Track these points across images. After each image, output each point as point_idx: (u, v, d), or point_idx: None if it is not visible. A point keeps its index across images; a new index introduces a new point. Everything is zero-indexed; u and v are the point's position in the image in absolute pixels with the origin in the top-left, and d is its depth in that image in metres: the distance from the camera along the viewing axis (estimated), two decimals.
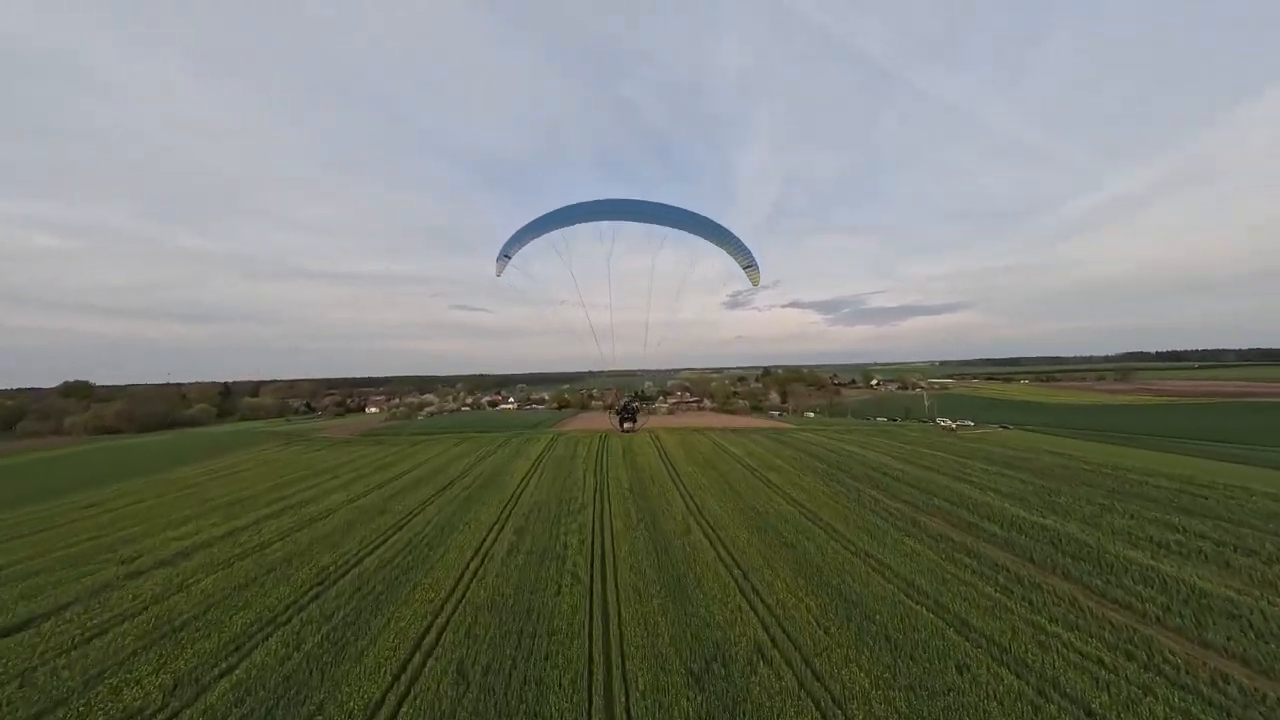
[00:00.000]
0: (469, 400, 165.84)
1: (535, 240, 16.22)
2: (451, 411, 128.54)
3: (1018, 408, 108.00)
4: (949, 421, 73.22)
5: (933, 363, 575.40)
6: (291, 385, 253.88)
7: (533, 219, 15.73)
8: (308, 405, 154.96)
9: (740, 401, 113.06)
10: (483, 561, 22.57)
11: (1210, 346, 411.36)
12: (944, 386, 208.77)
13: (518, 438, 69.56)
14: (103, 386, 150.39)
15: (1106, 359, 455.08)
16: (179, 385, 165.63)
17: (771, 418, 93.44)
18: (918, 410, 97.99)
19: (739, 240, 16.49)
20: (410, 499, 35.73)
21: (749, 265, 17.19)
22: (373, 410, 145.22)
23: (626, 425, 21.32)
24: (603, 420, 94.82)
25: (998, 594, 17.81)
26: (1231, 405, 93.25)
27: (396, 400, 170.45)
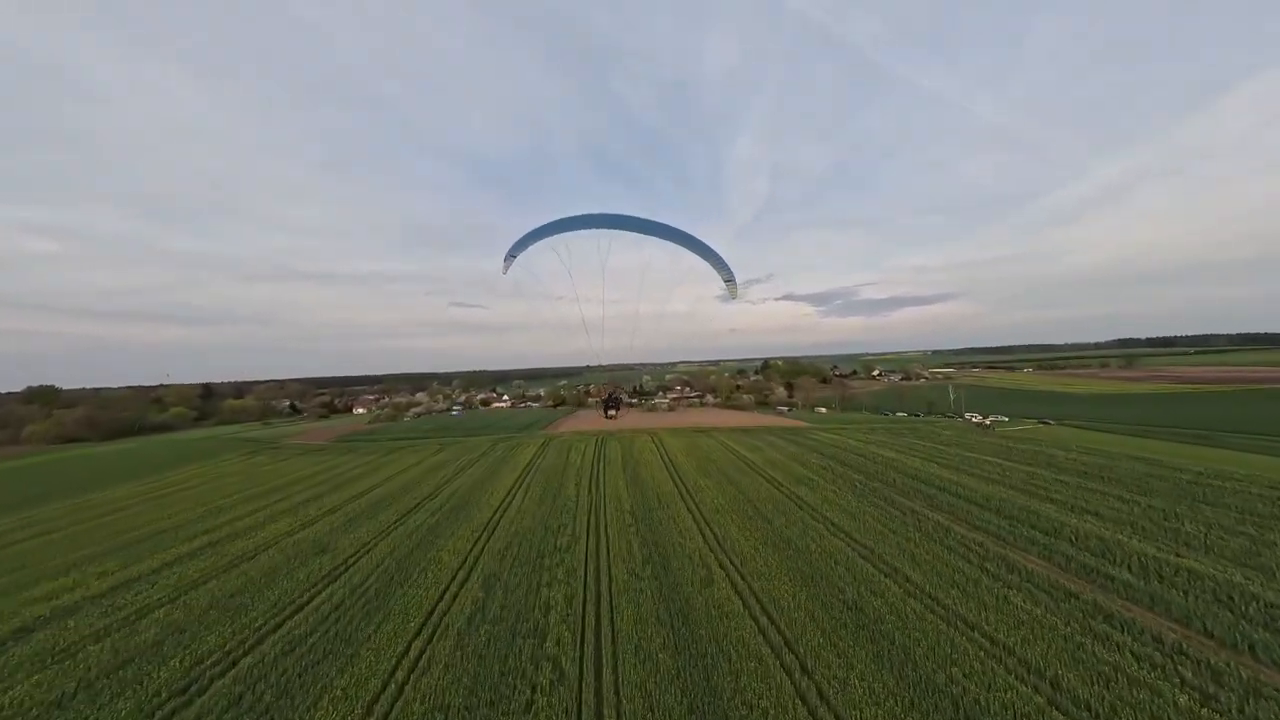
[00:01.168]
0: (462, 398, 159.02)
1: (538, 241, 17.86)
2: (441, 411, 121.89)
3: (1040, 399, 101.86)
4: (980, 417, 67.05)
5: (925, 352, 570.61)
6: (282, 385, 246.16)
7: (538, 225, 17.53)
8: (293, 407, 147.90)
9: (745, 396, 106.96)
10: (431, 639, 16.19)
11: (1199, 332, 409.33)
12: (947, 377, 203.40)
13: (506, 442, 63.11)
14: (72, 391, 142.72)
15: (1099, 346, 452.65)
16: (155, 389, 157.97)
17: (781, 414, 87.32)
18: (941, 403, 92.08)
19: (719, 256, 18.16)
20: (363, 529, 29.27)
21: (728, 280, 18.96)
22: (360, 411, 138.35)
23: (610, 413, 21.67)
24: (601, 420, 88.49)
25: (1205, 711, 11.55)
26: (1275, 392, 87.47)
27: (386, 400, 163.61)
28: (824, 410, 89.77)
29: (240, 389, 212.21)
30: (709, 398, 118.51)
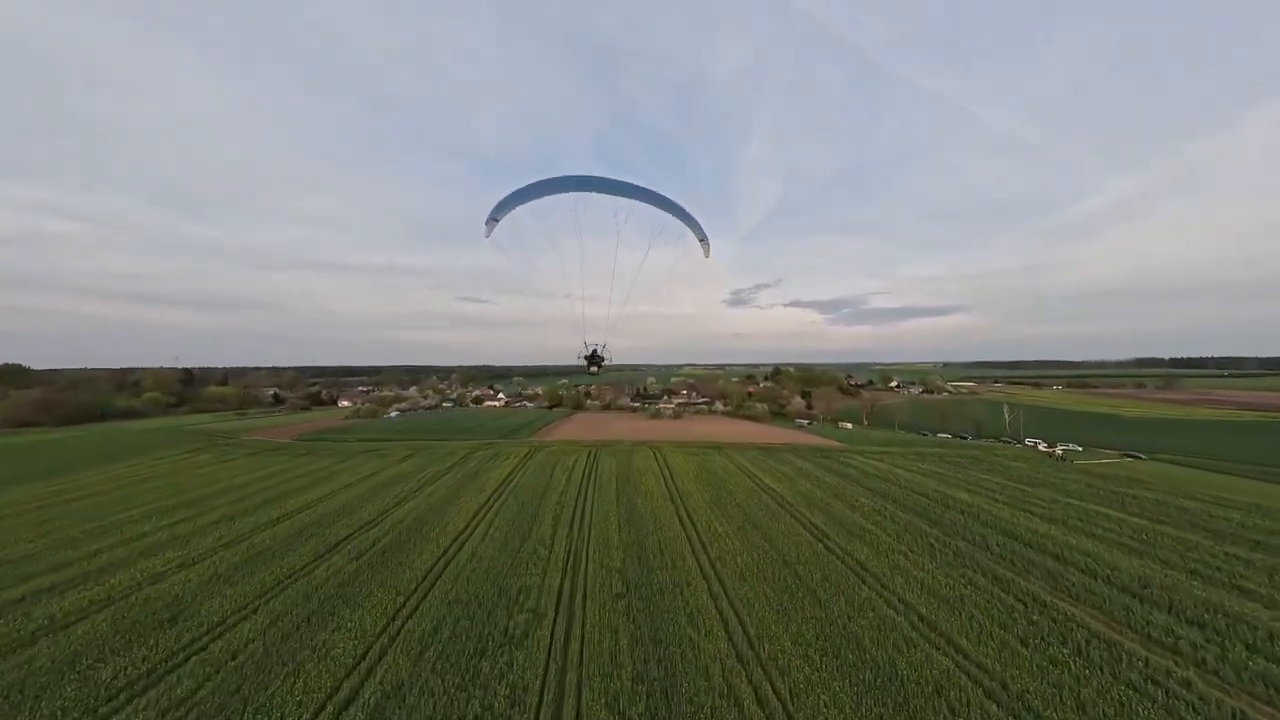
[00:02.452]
0: (454, 394, 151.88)
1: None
2: (429, 408, 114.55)
3: (1092, 422, 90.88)
4: (1045, 444, 57.38)
5: (937, 364, 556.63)
6: (277, 374, 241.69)
7: (517, 188, 17.51)
8: (275, 397, 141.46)
9: (758, 405, 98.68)
10: None
11: (1225, 353, 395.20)
12: (972, 391, 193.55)
13: (485, 450, 55.34)
14: (45, 371, 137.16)
15: (1120, 364, 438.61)
16: (134, 372, 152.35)
17: (801, 429, 78.87)
18: (991, 424, 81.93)
19: (692, 217, 18.57)
20: (254, 580, 21.53)
21: (702, 239, 19.54)
22: (345, 404, 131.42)
23: (593, 368, 20.98)
24: (598, 426, 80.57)
25: None
26: None
27: (375, 390, 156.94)
28: (849, 426, 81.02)
29: (229, 375, 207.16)
30: (718, 405, 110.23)
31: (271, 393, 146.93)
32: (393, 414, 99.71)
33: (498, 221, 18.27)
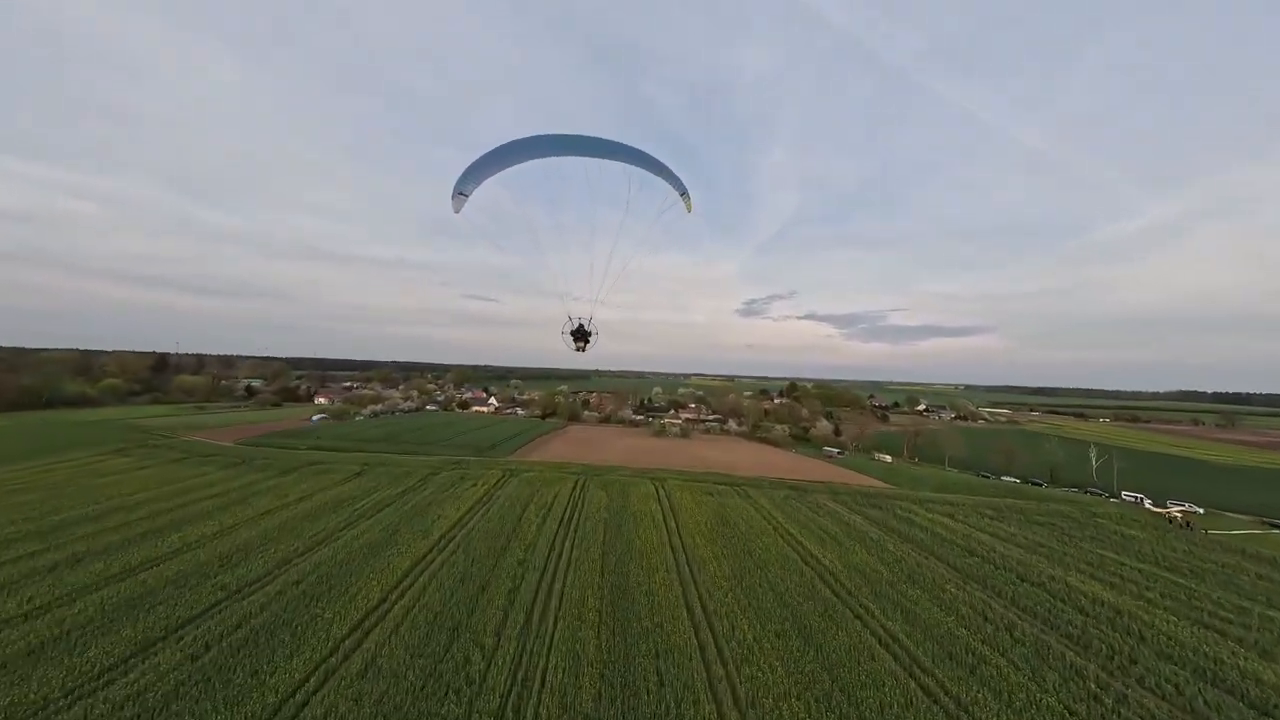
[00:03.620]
0: (441, 396, 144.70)
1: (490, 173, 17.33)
2: (409, 411, 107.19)
3: (1182, 469, 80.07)
4: (1150, 501, 46.80)
5: (958, 386, 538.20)
6: (265, 364, 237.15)
7: (483, 154, 16.72)
8: (248, 389, 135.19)
9: (777, 427, 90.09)
10: None
11: (1266, 390, 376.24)
12: (1011, 420, 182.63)
13: (452, 471, 47.45)
14: (11, 350, 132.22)
15: (1156, 395, 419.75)
16: (100, 355, 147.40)
17: (830, 458, 70.05)
18: (1071, 469, 68.66)
19: (670, 171, 17.67)
20: (29, 684, 13.59)
21: (683, 193, 18.19)
22: (321, 401, 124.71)
23: (579, 345, 19.95)
24: (593, 444, 72.45)
25: None
26: None
27: (357, 387, 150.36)
28: (889, 458, 71.92)
29: (207, 363, 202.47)
30: (731, 424, 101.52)
31: (245, 385, 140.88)
32: (365, 414, 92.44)
33: (466, 196, 17.23)
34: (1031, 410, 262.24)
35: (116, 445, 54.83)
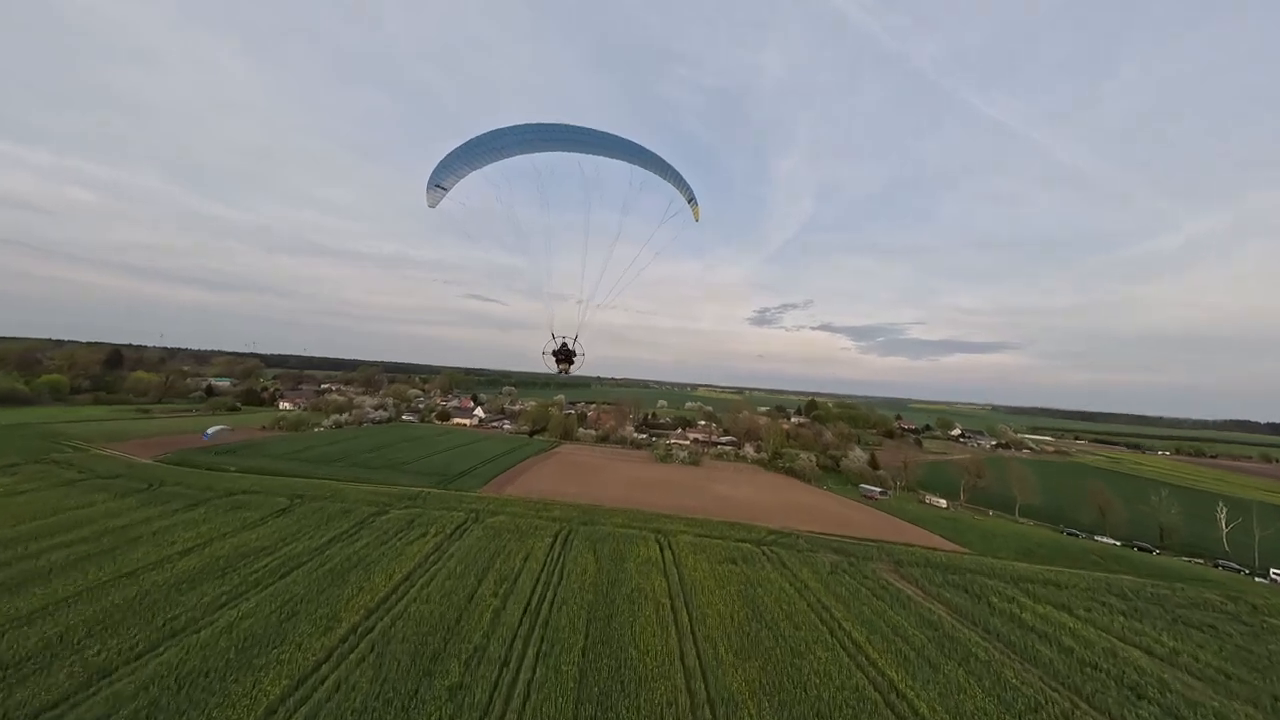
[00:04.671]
0: (421, 403, 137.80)
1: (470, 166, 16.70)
2: (380, 422, 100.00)
3: None
4: None
5: (986, 406, 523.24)
6: (242, 359, 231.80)
7: (461, 144, 15.86)
8: (207, 390, 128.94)
9: (802, 456, 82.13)
10: None
11: None
12: (1059, 450, 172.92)
13: (403, 510, 40.12)
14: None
15: (1205, 423, 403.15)
16: (46, 346, 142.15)
17: (871, 498, 61.87)
18: (1193, 530, 57.77)
19: (678, 173, 16.64)
20: None
21: (690, 199, 17.40)
22: (285, 406, 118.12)
23: (562, 367, 19.53)
24: (585, 473, 64.88)
25: None
26: None
27: (334, 389, 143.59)
28: (943, 503, 63.60)
29: (160, 357, 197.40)
30: (749, 448, 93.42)
31: (205, 384, 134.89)
32: (328, 424, 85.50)
33: (444, 190, 16.79)
34: (1076, 438, 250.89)
35: (8, 460, 48.00)
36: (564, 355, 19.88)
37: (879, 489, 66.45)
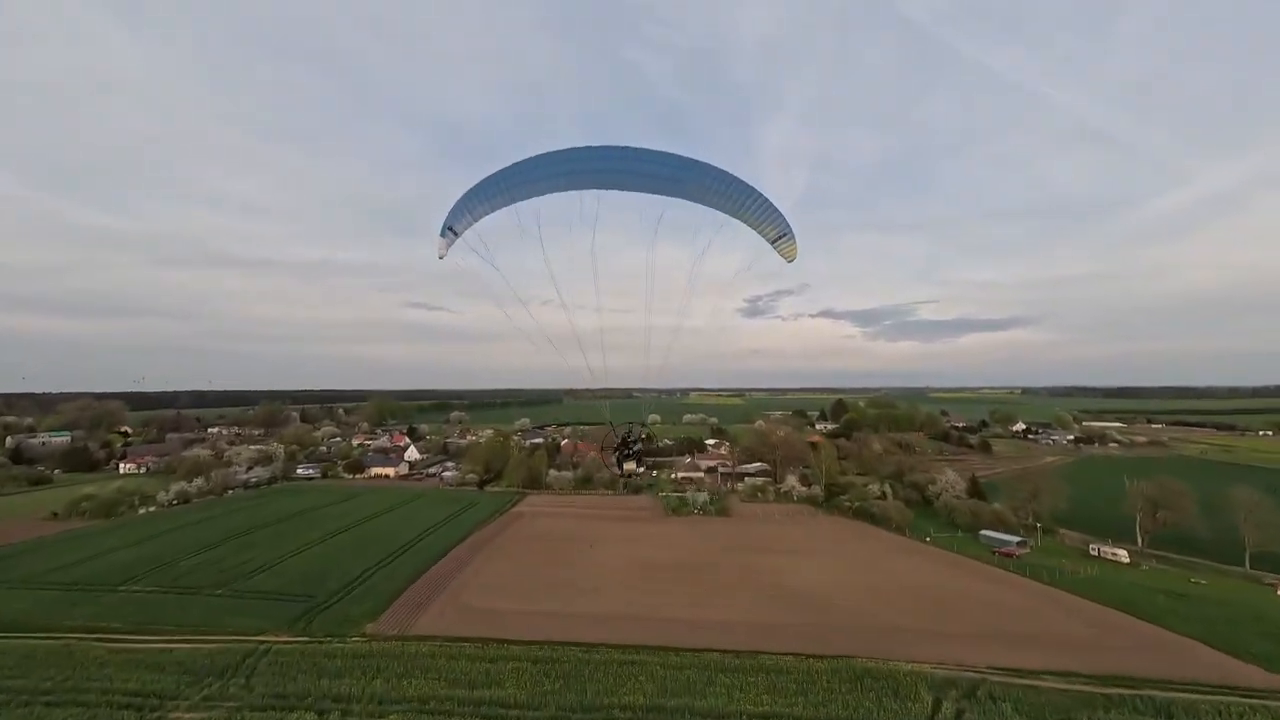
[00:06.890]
0: (330, 446, 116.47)
1: (495, 214, 16.05)
2: (253, 486, 78.28)
3: None
4: None
5: (1016, 389, 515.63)
6: (100, 400, 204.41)
7: (483, 178, 15.11)
8: (14, 455, 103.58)
9: (873, 488, 64.78)
10: None
11: None
12: (1154, 440, 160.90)
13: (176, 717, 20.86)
14: None
15: (1256, 391, 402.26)
16: None
17: (1010, 554, 44.04)
18: None
19: (766, 200, 15.11)
20: None
21: (781, 235, 15.89)
22: (129, 468, 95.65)
23: (627, 466, 18.35)
24: (555, 559, 46.19)
25: None
26: None
27: (219, 432, 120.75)
28: (1123, 555, 45.83)
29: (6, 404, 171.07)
30: (792, 482, 75.24)
31: (41, 440, 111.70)
32: (168, 496, 64.53)
33: (457, 235, 16.08)
34: (1150, 420, 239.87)
35: None
36: (628, 450, 18.94)
37: (1016, 538, 49.13)
